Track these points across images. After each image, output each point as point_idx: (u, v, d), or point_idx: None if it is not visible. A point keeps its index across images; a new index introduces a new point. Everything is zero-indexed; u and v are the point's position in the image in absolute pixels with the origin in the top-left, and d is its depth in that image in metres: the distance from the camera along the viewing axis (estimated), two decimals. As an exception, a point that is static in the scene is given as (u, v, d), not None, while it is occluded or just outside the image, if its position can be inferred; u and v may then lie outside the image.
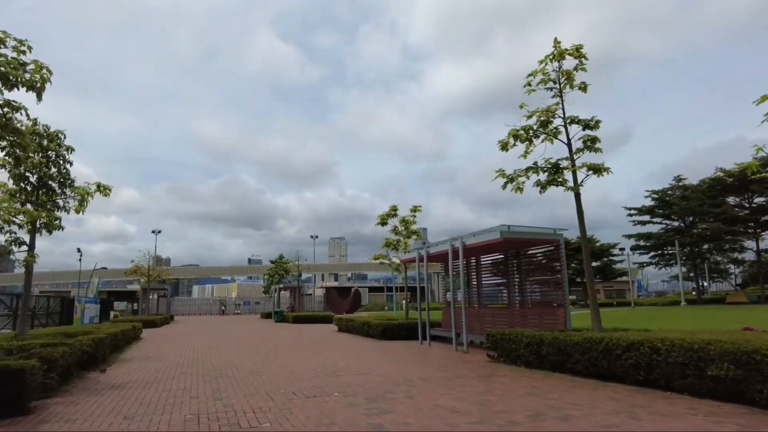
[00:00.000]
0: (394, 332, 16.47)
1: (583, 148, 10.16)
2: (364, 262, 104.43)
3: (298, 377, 8.34)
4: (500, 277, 14.35)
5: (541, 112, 10.39)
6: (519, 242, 12.02)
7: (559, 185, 10.37)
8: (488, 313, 14.40)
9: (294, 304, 41.57)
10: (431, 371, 8.83)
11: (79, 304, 28.37)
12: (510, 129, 10.61)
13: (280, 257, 49.35)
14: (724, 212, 39.87)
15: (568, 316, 11.63)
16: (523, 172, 10.55)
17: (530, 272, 13.30)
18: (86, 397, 6.82)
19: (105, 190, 12.01)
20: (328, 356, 11.43)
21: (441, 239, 15.12)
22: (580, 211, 10.26)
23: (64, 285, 77.65)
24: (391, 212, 18.92)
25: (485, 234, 12.13)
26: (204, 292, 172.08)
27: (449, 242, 13.43)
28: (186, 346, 15.21)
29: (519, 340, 9.47)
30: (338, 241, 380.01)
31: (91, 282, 44.36)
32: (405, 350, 12.88)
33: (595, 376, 7.78)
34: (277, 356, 11.68)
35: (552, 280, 12.45)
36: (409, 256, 16.32)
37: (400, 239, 18.84)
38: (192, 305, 59.23)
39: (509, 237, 11.43)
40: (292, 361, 10.56)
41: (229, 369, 9.59)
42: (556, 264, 12.31)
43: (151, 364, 10.60)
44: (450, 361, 10.41)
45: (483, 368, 9.21)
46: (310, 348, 13.75)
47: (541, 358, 8.94)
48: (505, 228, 11.61)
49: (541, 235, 12.05)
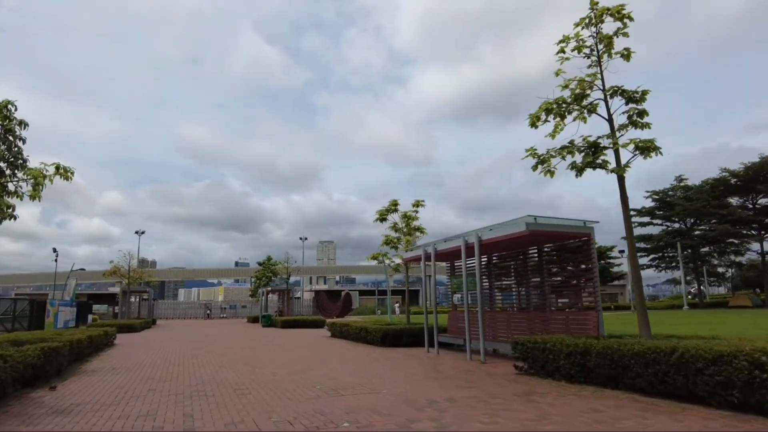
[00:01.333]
0: (396, 338, 14.87)
1: (628, 123, 8.70)
2: (354, 265, 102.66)
3: (292, 397, 6.71)
4: (517, 277, 12.85)
5: (580, 81, 8.93)
6: (546, 236, 10.52)
7: (597, 168, 8.91)
8: (502, 318, 12.88)
9: (283, 308, 39.74)
10: (455, 389, 7.26)
11: (52, 307, 26.30)
12: (542, 101, 9.12)
13: (268, 259, 47.51)
14: (729, 213, 38.86)
15: (600, 320, 10.16)
16: (557, 152, 9.06)
17: (553, 271, 11.83)
18: (15, 428, 5.15)
19: (66, 173, 10.31)
20: (326, 368, 9.80)
21: (432, 241, 13.62)
22: (624, 197, 8.79)
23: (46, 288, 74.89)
24: (391, 207, 17.35)
25: (506, 227, 10.61)
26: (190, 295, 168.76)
27: (462, 237, 11.89)
28: (163, 354, 13.47)
29: (557, 350, 7.93)
30: (327, 245, 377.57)
31: (68, 284, 42.14)
32: (412, 360, 11.30)
33: (664, 395, 6.26)
34: (267, 368, 10.03)
35: (581, 279, 10.99)
36: (413, 254, 14.75)
37: (400, 236, 17.28)
38: (176, 309, 57.12)
39: (536, 230, 9.92)
40: (284, 375, 8.92)
41: (208, 385, 7.93)
42: (586, 261, 10.86)
43: (117, 377, 8.90)
44: (471, 374, 8.84)
45: (515, 384, 7.66)
46: (304, 357, 12.11)
47: (586, 371, 7.42)
48: (531, 219, 10.10)
49: (570, 227, 10.57)
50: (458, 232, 13.65)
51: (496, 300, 13.56)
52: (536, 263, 12.07)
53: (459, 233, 12.88)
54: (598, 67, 8.99)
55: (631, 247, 8.73)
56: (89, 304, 46.48)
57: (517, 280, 12.86)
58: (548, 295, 11.87)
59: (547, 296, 11.89)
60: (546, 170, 9.31)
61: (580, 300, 10.98)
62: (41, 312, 28.84)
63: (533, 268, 12.16)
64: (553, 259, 11.64)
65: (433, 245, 13.28)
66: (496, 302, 13.55)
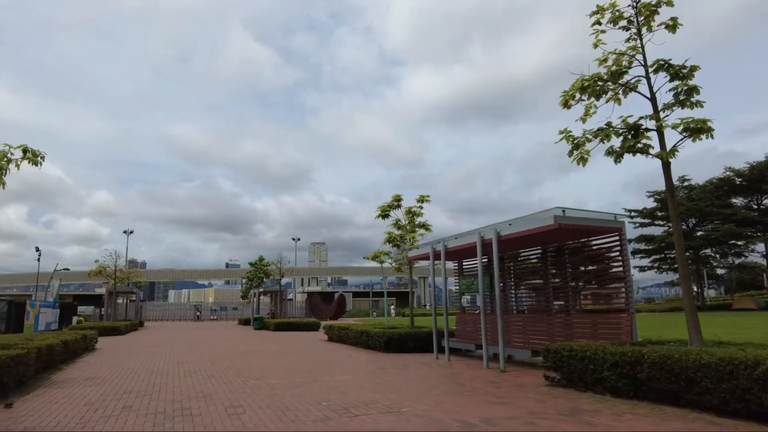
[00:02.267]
0: (400, 343, 13.78)
1: (674, 102, 7.69)
2: (347, 266, 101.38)
3: (296, 419, 5.59)
4: (536, 277, 11.82)
5: (619, 56, 7.91)
6: (574, 231, 9.48)
7: (638, 153, 7.90)
8: (518, 322, 11.86)
9: (275, 310, 38.46)
10: (488, 406, 6.18)
11: (32, 308, 24.89)
12: (577, 77, 8.10)
13: (260, 259, 46.21)
14: (734, 213, 38.18)
15: (634, 324, 9.16)
16: (594, 134, 8.03)
17: (579, 269, 10.83)
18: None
19: (35, 157, 9.16)
20: (331, 379, 8.68)
21: (440, 238, 12.57)
22: (670, 185, 7.78)
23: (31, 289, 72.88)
24: (393, 203, 16.26)
25: (530, 221, 9.57)
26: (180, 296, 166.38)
27: (477, 233, 10.83)
28: (146, 361, 12.28)
29: (600, 359, 6.88)
30: (318, 246, 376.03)
31: (51, 285, 40.55)
32: (424, 368, 10.21)
33: (743, 416, 5.23)
34: (262, 379, 8.90)
35: (611, 278, 10.00)
36: (421, 252, 13.67)
37: (403, 234, 16.19)
38: (166, 310, 55.57)
39: (565, 224, 8.88)
40: (283, 388, 7.79)
41: (195, 400, 6.79)
42: (617, 258, 9.87)
43: (90, 390, 7.72)
44: (497, 386, 7.77)
45: (554, 398, 6.59)
46: (303, 365, 10.98)
47: (636, 384, 6.38)
48: (559, 212, 9.08)
49: (600, 221, 9.55)
50: (450, 234, 12.69)
51: (510, 302, 12.53)
52: (558, 261, 11.07)
53: (471, 229, 11.85)
54: (639, 40, 7.99)
55: (679, 242, 7.70)
56: (74, 305, 44.90)
57: (535, 280, 11.84)
58: (570, 296, 10.88)
59: (569, 298, 10.89)
60: (579, 157, 8.30)
61: (609, 302, 10.01)
62: (20, 314, 27.40)
63: (556, 267, 11.16)
64: (581, 255, 10.64)
65: (443, 242, 12.21)
66: (511, 304, 12.52)
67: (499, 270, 10.33)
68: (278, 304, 38.30)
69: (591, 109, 8.41)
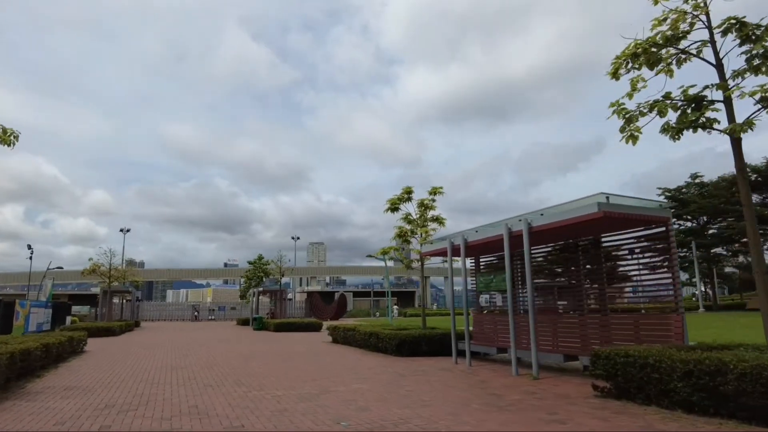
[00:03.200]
0: (413, 346, 12.69)
1: (747, 69, 6.63)
2: (347, 266, 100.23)
3: (312, 443, 4.51)
4: (567, 273, 10.78)
5: (680, 14, 6.84)
6: (620, 220, 8.42)
7: (700, 128, 6.84)
8: (546, 322, 10.78)
9: (275, 310, 37.35)
10: (543, 425, 5.10)
11: (22, 308, 23.75)
12: (630, 42, 7.03)
13: (259, 258, 45.21)
14: (751, 210, 36.79)
15: (684, 326, 8.11)
16: (650, 106, 6.96)
17: (617, 264, 9.80)
18: None
19: (6, 137, 8.09)
20: (345, 389, 7.59)
21: (457, 232, 11.50)
22: (741, 165, 6.72)
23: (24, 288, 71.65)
24: (404, 195, 15.18)
25: (567, 210, 8.49)
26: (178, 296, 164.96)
27: (504, 225, 9.75)
28: (137, 365, 11.19)
29: (668, 367, 5.80)
30: (317, 246, 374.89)
31: (44, 284, 39.38)
32: (448, 376, 9.13)
33: None
34: (266, 389, 7.81)
35: (655, 274, 8.97)
36: (436, 247, 12.58)
37: (414, 229, 15.11)
38: (163, 310, 54.46)
39: (611, 212, 7.83)
40: (291, 401, 6.70)
41: (187, 418, 5.70)
42: (664, 251, 8.84)
43: (65, 404, 6.63)
44: (539, 398, 6.69)
45: (616, 415, 5.52)
46: (310, 372, 9.89)
47: (718, 398, 5.30)
48: (603, 198, 8.00)
49: (648, 210, 8.49)
50: (447, 234, 11.69)
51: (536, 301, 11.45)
52: (594, 255, 10.03)
53: (494, 221, 10.77)
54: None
55: (753, 232, 6.62)
56: (68, 305, 43.61)
57: (567, 276, 10.79)
58: (607, 294, 9.85)
59: (605, 296, 9.85)
60: (629, 135, 7.24)
61: (657, 300, 9.00)
62: (9, 314, 26.23)
63: (590, 261, 10.12)
64: (621, 249, 9.63)
65: (462, 236, 11.13)
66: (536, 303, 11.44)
67: (531, 265, 9.25)
68: (279, 304, 37.18)
69: (638, 83, 7.39)
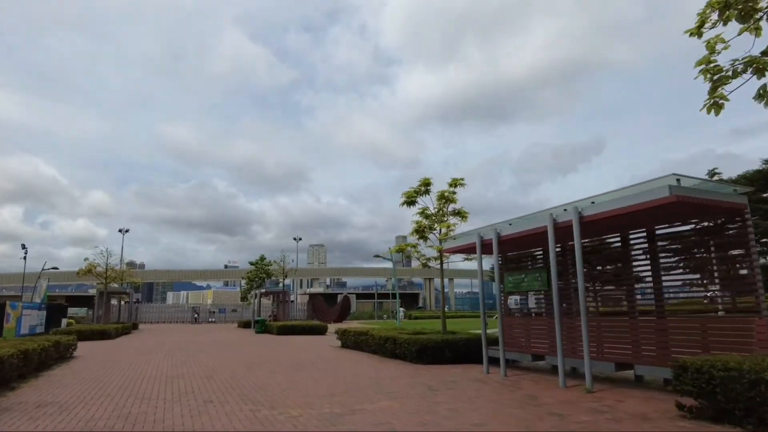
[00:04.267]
0: (436, 353, 11.48)
1: None
2: (350, 267, 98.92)
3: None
4: (615, 269, 9.59)
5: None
6: (692, 207, 7.23)
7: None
8: (593, 326, 9.54)
9: (277, 312, 36.12)
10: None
11: (14, 310, 22.56)
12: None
13: (261, 258, 44.03)
14: (775, 209, 35.86)
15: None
16: (746, 62, 5.76)
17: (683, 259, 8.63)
18: None
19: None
20: (372, 407, 6.37)
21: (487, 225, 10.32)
22: None
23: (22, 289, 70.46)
24: (421, 188, 13.98)
25: (627, 196, 7.29)
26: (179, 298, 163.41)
27: (548, 215, 8.55)
28: (129, 374, 9.97)
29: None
30: (317, 248, 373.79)
31: (38, 285, 38.19)
32: (485, 389, 7.91)
33: None
34: (278, 406, 6.59)
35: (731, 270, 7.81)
36: (459, 243, 11.38)
37: (431, 224, 13.91)
38: (162, 312, 53.20)
39: (685, 197, 6.65)
40: (312, 424, 5.48)
41: (182, 448, 4.49)
42: (741, 244, 7.68)
43: (32, 426, 5.42)
44: (614, 420, 5.47)
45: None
46: (326, 383, 8.66)
47: None
48: (673, 180, 6.80)
49: (723, 195, 7.31)
50: (471, 229, 10.51)
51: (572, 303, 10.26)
52: (649, 249, 8.88)
53: (528, 214, 9.56)
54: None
55: None
56: (64, 307, 42.41)
57: (615, 273, 9.60)
58: (662, 293, 8.69)
59: (663, 295, 8.69)
60: (713, 103, 6.04)
61: (733, 298, 7.86)
62: (1, 316, 25.12)
63: (649, 256, 8.97)
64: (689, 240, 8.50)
65: (494, 229, 9.92)
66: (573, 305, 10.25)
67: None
68: (281, 306, 35.95)
69: (717, 44, 6.19)
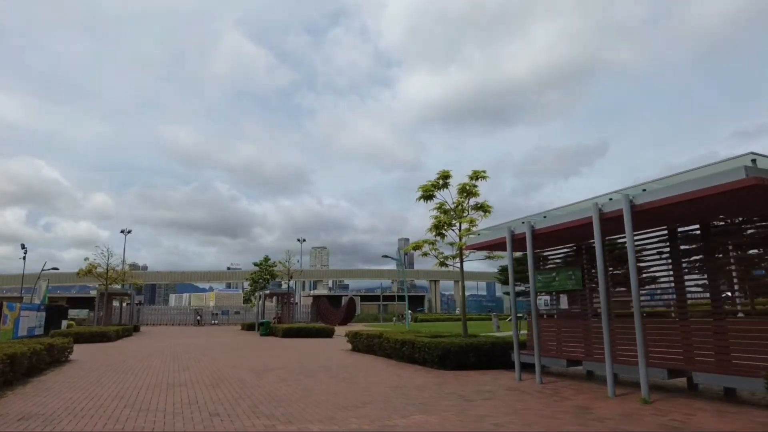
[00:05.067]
0: (460, 358, 10.61)
1: None
2: (354, 269, 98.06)
3: None
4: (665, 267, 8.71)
5: None
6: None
7: None
8: (653, 328, 8.57)
9: (282, 314, 35.25)
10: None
11: (11, 311, 21.77)
12: None
13: (266, 259, 43.18)
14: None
15: None
16: None
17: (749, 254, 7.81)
18: None
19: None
20: (407, 424, 5.48)
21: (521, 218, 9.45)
22: None
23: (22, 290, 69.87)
24: (439, 181, 13.12)
25: (688, 181, 6.40)
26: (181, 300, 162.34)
27: (593, 206, 7.67)
28: (126, 382, 9.11)
29: None
30: (320, 250, 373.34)
31: (38, 286, 37.42)
32: (525, 399, 7.02)
33: None
34: (298, 421, 5.71)
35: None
36: (488, 238, 10.49)
37: (451, 220, 13.02)
38: (165, 314, 52.38)
39: (764, 178, 5.76)
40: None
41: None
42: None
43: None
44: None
45: None
46: (346, 393, 7.78)
47: None
48: (749, 161, 5.91)
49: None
50: (497, 225, 9.62)
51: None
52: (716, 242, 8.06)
53: (572, 203, 8.65)
54: None
55: None
56: (64, 308, 41.64)
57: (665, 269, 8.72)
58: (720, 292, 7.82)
59: (721, 295, 7.83)
60: None
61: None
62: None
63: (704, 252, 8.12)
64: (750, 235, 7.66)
65: (528, 222, 9.04)
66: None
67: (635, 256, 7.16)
68: (286, 308, 35.08)
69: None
